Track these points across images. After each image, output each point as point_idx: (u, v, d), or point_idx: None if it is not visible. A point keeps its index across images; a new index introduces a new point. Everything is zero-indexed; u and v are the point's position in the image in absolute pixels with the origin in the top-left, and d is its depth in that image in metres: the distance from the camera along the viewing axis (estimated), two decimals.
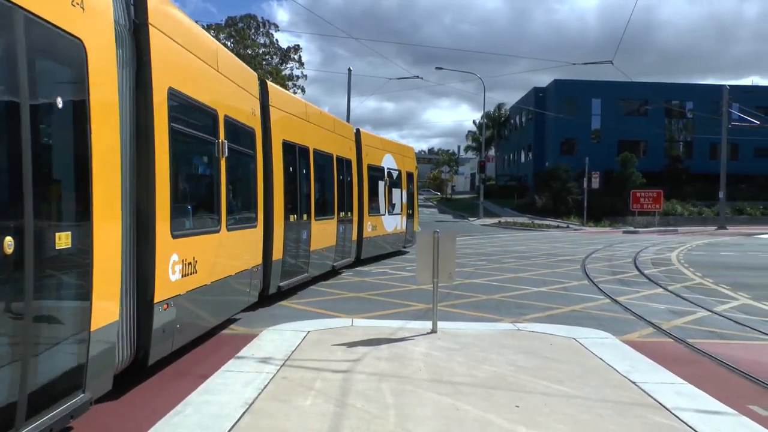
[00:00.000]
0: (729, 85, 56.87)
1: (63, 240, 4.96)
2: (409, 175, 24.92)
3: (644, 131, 70.48)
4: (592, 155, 59.57)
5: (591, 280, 16.90)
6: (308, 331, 9.36)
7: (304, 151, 14.09)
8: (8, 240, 4.23)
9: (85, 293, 5.26)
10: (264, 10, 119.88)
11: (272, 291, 12.14)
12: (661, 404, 6.27)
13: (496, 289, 15.00)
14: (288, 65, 58.55)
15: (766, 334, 10.46)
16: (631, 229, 50.04)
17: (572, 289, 15.36)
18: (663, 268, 20.61)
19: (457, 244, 9.75)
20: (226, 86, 9.47)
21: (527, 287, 15.43)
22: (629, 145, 69.09)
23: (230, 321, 10.21)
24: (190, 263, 7.74)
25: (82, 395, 5.23)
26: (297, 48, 58.90)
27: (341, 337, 8.99)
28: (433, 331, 9.47)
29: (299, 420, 5.69)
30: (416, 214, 26.47)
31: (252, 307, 11.14)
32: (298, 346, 8.47)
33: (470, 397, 6.38)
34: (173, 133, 7.31)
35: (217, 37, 49.47)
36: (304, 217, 13.93)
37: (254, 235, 10.82)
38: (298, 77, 59.05)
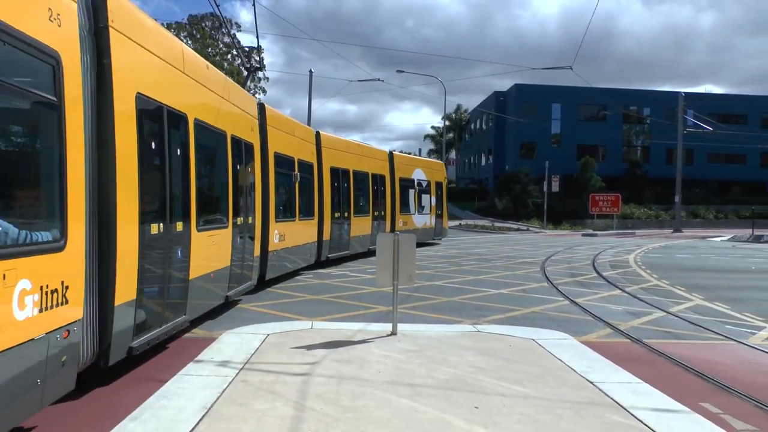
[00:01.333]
0: (684, 93, 58.16)
1: (250, 221, 12.42)
2: (438, 184, 31.15)
3: (603, 136, 71.72)
4: (552, 159, 60.30)
5: (550, 282, 17.09)
6: (268, 334, 9.30)
7: (345, 172, 21.46)
8: (240, 219, 11.62)
9: (254, 240, 12.71)
10: (227, 10, 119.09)
11: (323, 258, 19.50)
12: (618, 403, 6.35)
13: (457, 292, 15.08)
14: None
15: (717, 333, 10.69)
16: (590, 231, 50.76)
17: (532, 291, 15.52)
18: (621, 270, 20.95)
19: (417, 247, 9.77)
20: (298, 142, 17.27)
21: (487, 289, 15.54)
22: (588, 149, 70.18)
23: (193, 324, 10.09)
24: (282, 235, 15.51)
25: (250, 281, 12.75)
26: (259, 49, 58.55)
27: (301, 340, 8.94)
28: (393, 333, 9.48)
29: (258, 424, 5.63)
30: (445, 213, 32.86)
31: (212, 313, 11.05)
32: (257, 349, 8.40)
33: (429, 399, 6.39)
34: (276, 174, 15.13)
35: (177, 36, 48.88)
36: (345, 214, 21.36)
37: (313, 224, 18.63)
38: (260, 79, 58.71)
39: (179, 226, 8.45)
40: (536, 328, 10.33)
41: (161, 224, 7.79)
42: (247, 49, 57.41)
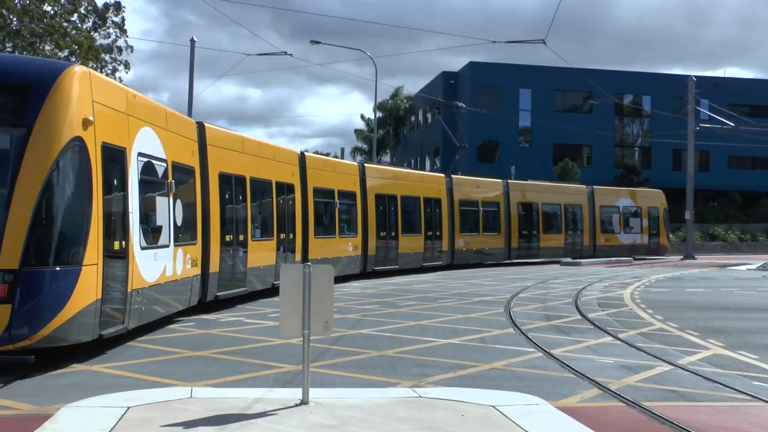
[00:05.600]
0: (696, 77, 59.29)
1: (438, 233, 40.07)
2: (651, 209, 53.12)
3: (589, 133, 72.74)
4: (520, 162, 61.32)
5: (517, 328, 17.29)
6: (128, 407, 9.09)
7: (535, 204, 46.63)
8: (433, 232, 39.69)
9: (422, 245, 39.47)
10: None
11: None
12: None
13: (391, 342, 15.12)
14: (108, 31, 56.59)
15: (742, 392, 10.92)
16: (571, 259, 51.40)
17: (492, 340, 15.69)
18: (613, 311, 21.38)
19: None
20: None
21: (432, 339, 15.62)
22: (569, 149, 71.69)
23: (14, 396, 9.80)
24: (467, 241, 42.29)
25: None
26: (118, 7, 56.68)
27: (175, 415, 8.76)
28: (304, 402, 9.39)
29: None
30: (662, 233, 54.54)
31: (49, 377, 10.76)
32: (112, 429, 8.20)
33: None
34: (460, 211, 41.58)
35: None
36: (534, 232, 46.80)
37: (500, 238, 44.36)
38: (120, 49, 57.05)
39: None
40: (497, 391, 10.44)
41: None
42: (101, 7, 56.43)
